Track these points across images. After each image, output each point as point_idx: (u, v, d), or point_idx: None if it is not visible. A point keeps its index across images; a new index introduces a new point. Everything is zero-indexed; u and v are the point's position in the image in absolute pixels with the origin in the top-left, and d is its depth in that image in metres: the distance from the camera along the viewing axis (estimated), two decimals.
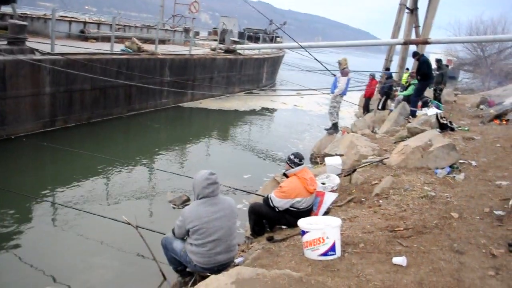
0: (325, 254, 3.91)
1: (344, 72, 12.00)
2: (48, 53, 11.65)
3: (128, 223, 5.17)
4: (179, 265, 4.58)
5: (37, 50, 11.56)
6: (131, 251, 5.82)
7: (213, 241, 4.17)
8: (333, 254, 3.91)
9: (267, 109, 19.22)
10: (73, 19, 18.80)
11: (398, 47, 23.33)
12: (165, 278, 4.92)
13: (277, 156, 11.67)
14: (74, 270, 5.37)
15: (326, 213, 5.46)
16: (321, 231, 3.92)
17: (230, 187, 7.56)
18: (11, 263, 5.48)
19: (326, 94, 14.60)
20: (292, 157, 5.44)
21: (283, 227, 5.46)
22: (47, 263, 5.51)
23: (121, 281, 5.27)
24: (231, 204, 4.41)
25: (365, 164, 7.10)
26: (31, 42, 11.66)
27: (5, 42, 11.17)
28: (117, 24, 16.57)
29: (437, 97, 14.94)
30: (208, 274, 4.22)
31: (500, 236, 3.91)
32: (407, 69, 22.16)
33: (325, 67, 12.11)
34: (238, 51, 21.88)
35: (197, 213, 4.19)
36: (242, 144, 13.19)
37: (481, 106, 15.05)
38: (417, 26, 24.43)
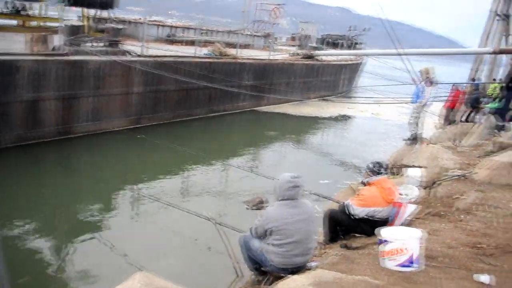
0: (403, 265, 3.85)
1: (430, 82, 11.56)
2: (139, 55, 12.48)
3: (209, 219, 5.43)
4: (255, 263, 4.70)
5: (129, 52, 12.45)
6: (208, 246, 6.08)
7: (291, 243, 4.26)
8: (412, 266, 3.84)
9: (344, 116, 18.98)
10: (161, 24, 19.93)
11: (487, 57, 21.93)
12: (238, 275, 5.08)
13: (353, 164, 11.51)
14: (153, 258, 5.73)
15: (403, 225, 5.34)
16: (401, 241, 3.87)
17: (306, 191, 7.61)
18: (97, 248, 6.01)
19: (406, 103, 14.14)
20: (371, 165, 5.38)
21: (357, 235, 5.42)
22: (129, 250, 5.94)
23: (197, 273, 5.53)
24: (310, 208, 4.47)
25: (447, 177, 6.82)
26: (124, 45, 12.58)
27: (102, 44, 12.17)
28: (201, 29, 17.28)
29: None
30: (283, 275, 4.33)
31: None
32: (494, 79, 20.76)
33: (413, 77, 11.73)
34: (317, 57, 21.84)
35: (278, 214, 4.31)
36: (318, 150, 13.18)
37: None
38: (508, 35, 22.79)
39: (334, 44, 29.07)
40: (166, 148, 10.01)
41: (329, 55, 23.05)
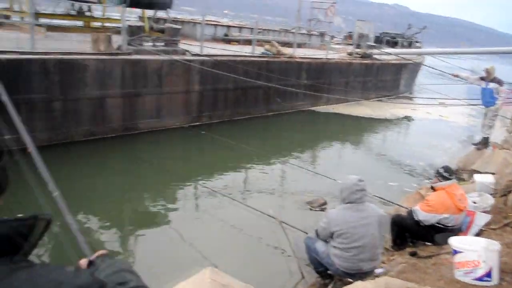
0: (480, 279, 3.65)
1: (499, 82, 10.92)
2: (198, 54, 12.73)
3: (273, 218, 5.42)
4: (320, 266, 4.63)
5: (188, 51, 12.73)
6: (271, 244, 6.05)
7: (357, 247, 4.17)
8: (489, 281, 3.64)
9: (406, 117, 18.33)
10: (218, 23, 20.22)
11: None
12: (303, 277, 5.03)
13: (419, 168, 10.95)
14: (217, 253, 5.80)
15: (477, 235, 5.07)
16: (477, 253, 3.66)
17: (371, 194, 7.43)
18: (162, 239, 6.19)
19: (475, 105, 13.46)
20: (441, 170, 5.17)
21: (427, 243, 5.20)
22: (194, 242, 6.08)
23: (260, 272, 5.52)
24: (378, 213, 4.35)
25: None
26: (183, 44, 12.89)
27: (162, 44, 12.53)
28: (257, 28, 17.36)
29: None
30: (349, 279, 4.23)
31: None
32: None
33: (481, 77, 11.10)
34: (375, 56, 21.29)
35: (343, 217, 4.23)
36: (380, 152, 12.81)
37: None
38: None
39: (391, 42, 28.21)
40: (226, 145, 10.21)
41: (388, 54, 22.40)
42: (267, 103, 14.97)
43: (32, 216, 0.92)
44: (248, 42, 17.54)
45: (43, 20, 13.19)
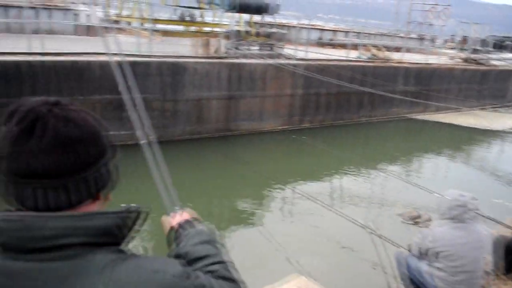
0: None
1: None
2: (302, 59, 12.85)
3: (365, 228, 5.28)
4: (412, 283, 4.42)
5: (292, 55, 12.91)
6: (362, 256, 5.90)
7: (454, 267, 3.90)
8: None
9: None
10: (323, 28, 20.21)
11: None
12: None
13: None
14: (305, 258, 5.79)
15: None
16: None
17: (480, 213, 6.89)
18: (253, 239, 6.34)
19: None
20: None
21: None
22: (283, 245, 6.13)
23: (349, 284, 5.42)
24: (480, 233, 4.03)
25: None
26: (288, 49, 13.09)
27: (268, 48, 12.87)
28: (353, 31, 17.05)
29: None
30: None
31: None
32: None
33: None
34: (480, 61, 19.75)
35: (440, 234, 3.97)
36: (487, 166, 11.77)
37: None
38: None
39: (501, 46, 25.99)
40: (319, 150, 10.22)
41: (499, 60, 20.60)
42: (361, 109, 14.62)
43: (135, 208, 0.99)
44: (344, 46, 17.29)
45: (159, 26, 14.21)
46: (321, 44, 18.74)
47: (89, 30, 13.14)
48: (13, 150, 0.87)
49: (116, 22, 16.71)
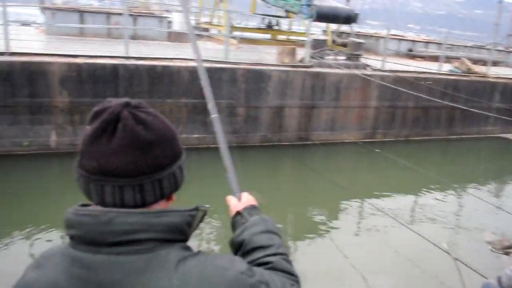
0: None
1: None
2: (379, 69, 12.46)
3: (446, 252, 4.95)
4: None
5: (369, 66, 12.57)
6: (439, 281, 5.55)
7: None
8: None
9: None
10: (401, 38, 19.47)
11: None
12: None
13: None
14: (375, 276, 5.55)
15: None
16: None
17: None
18: (319, 251, 6.22)
19: None
20: None
21: None
22: (353, 258, 5.92)
23: None
24: None
25: None
26: (365, 59, 12.78)
27: (344, 58, 12.65)
28: (445, 43, 16.13)
29: None
30: None
31: None
32: None
33: None
34: None
35: None
36: None
37: None
38: None
39: None
40: (400, 166, 9.76)
41: None
42: (450, 125, 13.78)
43: (195, 207, 1.03)
44: (434, 58, 16.45)
45: (236, 33, 14.62)
46: (411, 56, 17.98)
47: (181, 37, 13.82)
48: (96, 150, 0.94)
49: (206, 30, 17.46)
